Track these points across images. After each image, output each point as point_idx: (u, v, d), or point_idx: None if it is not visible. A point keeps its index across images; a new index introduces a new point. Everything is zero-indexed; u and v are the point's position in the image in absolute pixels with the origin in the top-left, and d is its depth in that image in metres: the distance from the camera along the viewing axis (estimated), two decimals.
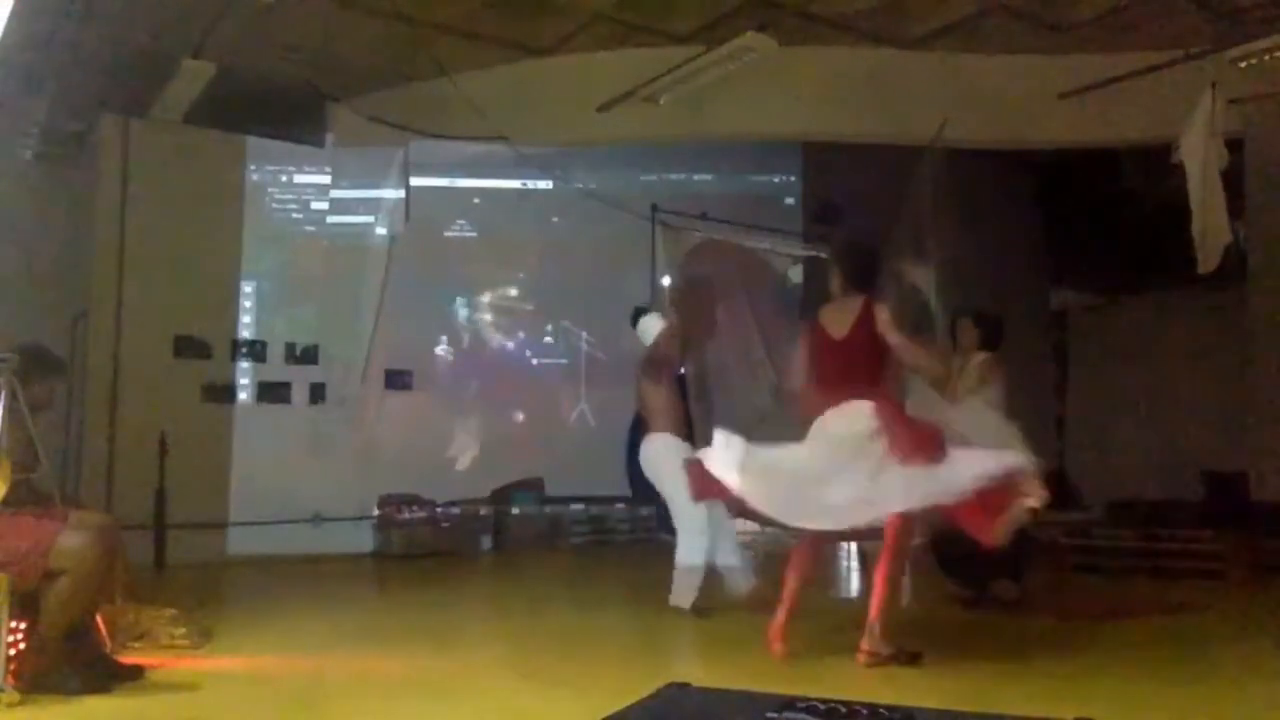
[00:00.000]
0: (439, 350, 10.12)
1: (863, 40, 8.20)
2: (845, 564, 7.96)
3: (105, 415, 7.86)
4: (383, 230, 9.23)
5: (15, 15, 5.30)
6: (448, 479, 9.33)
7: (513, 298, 10.53)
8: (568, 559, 8.98)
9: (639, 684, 2.67)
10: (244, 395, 8.69)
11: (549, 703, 3.68)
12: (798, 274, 10.19)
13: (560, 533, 9.53)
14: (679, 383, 5.97)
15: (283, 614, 5.64)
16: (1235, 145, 7.40)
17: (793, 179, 10.98)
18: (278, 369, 8.80)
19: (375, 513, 8.75)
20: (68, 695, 3.47)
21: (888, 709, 2.20)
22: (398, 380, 9.43)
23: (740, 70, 7.57)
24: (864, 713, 2.18)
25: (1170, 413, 11.01)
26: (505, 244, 10.33)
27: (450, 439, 9.97)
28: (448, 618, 5.82)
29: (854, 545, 8.83)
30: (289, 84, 8.65)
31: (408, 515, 8.69)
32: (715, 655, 4.57)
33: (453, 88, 8.12)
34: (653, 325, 5.86)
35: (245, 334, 8.75)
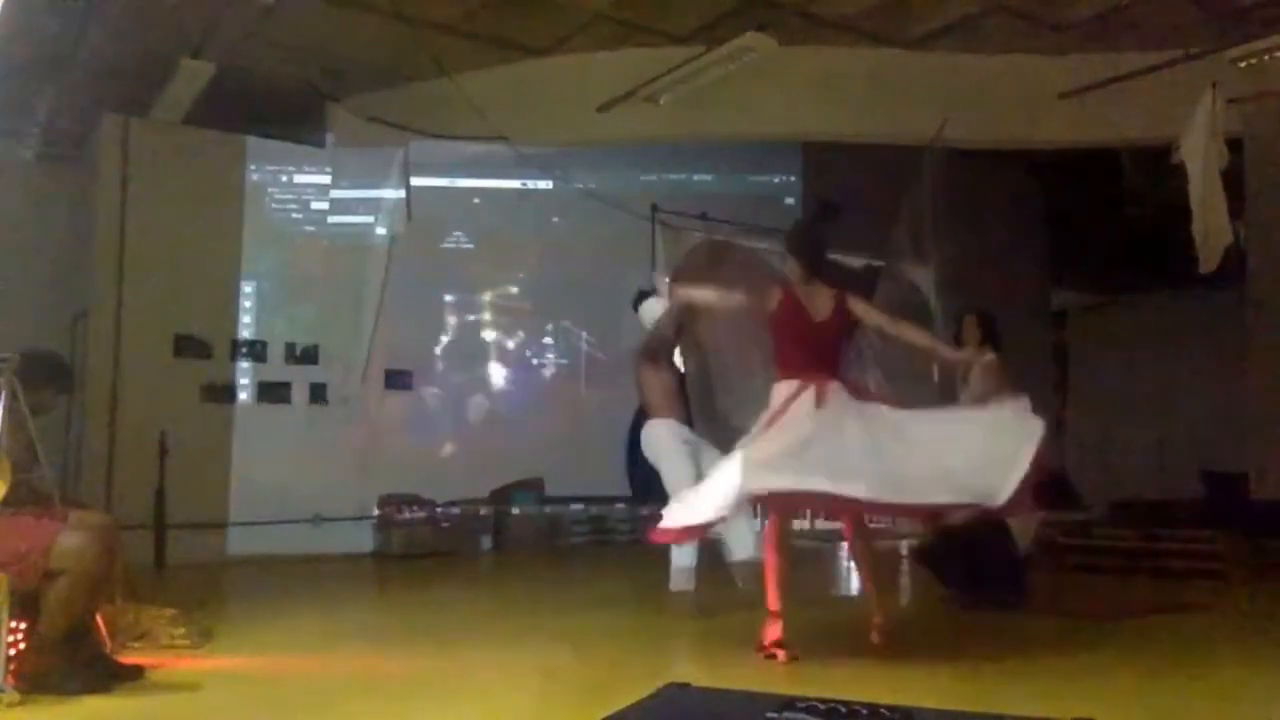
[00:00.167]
0: (439, 350, 10.12)
1: (863, 40, 8.20)
2: (845, 564, 7.96)
3: (105, 415, 7.87)
4: (383, 230, 9.24)
5: (15, 16, 5.31)
6: (448, 479, 9.32)
7: (513, 297, 10.53)
8: (568, 559, 8.98)
9: (639, 684, 2.67)
10: (244, 395, 8.70)
11: (549, 703, 3.68)
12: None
13: (560, 533, 9.53)
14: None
15: (283, 614, 5.64)
16: (1235, 145, 7.41)
17: (793, 179, 10.98)
18: (278, 369, 8.80)
19: (375, 513, 8.76)
20: (68, 695, 3.46)
21: (888, 709, 2.21)
22: (398, 380, 9.44)
23: (740, 70, 7.58)
24: (864, 713, 2.19)
25: (1170, 413, 11.02)
26: (505, 244, 10.33)
27: (450, 439, 9.98)
28: (448, 618, 5.81)
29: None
30: (289, 84, 8.66)
31: (408, 515, 8.69)
32: (715, 655, 4.56)
33: (453, 88, 8.13)
34: (654, 309, 5.85)
35: (245, 334, 8.76)
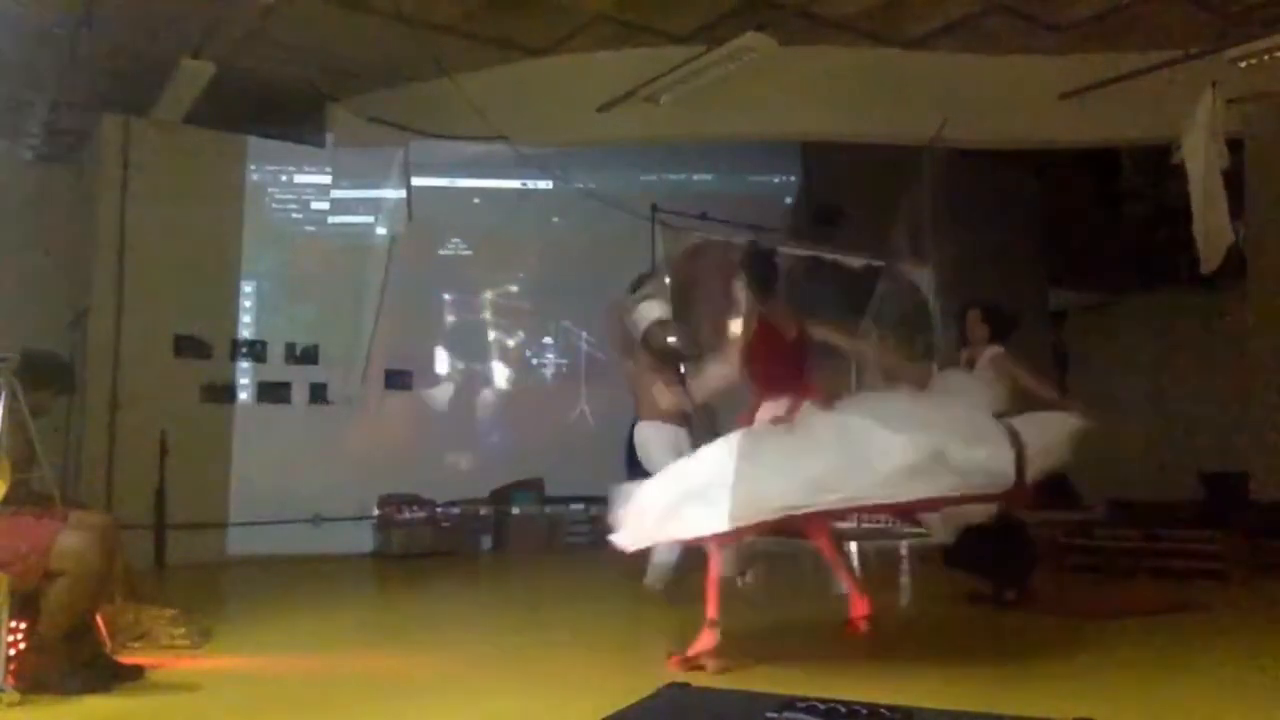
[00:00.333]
0: (439, 350, 10.12)
1: (862, 40, 8.20)
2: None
3: (105, 415, 7.87)
4: (383, 230, 9.23)
5: (15, 16, 5.31)
6: (448, 479, 9.31)
7: (513, 297, 10.52)
8: (568, 559, 8.97)
9: (639, 684, 2.66)
10: (244, 395, 8.70)
11: (549, 703, 3.67)
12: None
13: (560, 533, 9.51)
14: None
15: (283, 614, 5.64)
16: (1235, 145, 7.41)
17: (793, 179, 10.97)
18: (278, 369, 8.80)
19: (375, 513, 8.76)
20: (68, 695, 3.46)
21: (888, 709, 2.20)
22: (398, 380, 9.44)
23: (740, 70, 7.57)
24: (864, 713, 2.19)
25: (1170, 413, 11.01)
26: (505, 244, 10.31)
27: (450, 439, 9.97)
28: (447, 618, 5.81)
29: (853, 545, 8.87)
30: (289, 84, 8.65)
31: (408, 515, 8.69)
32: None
33: (453, 88, 8.13)
34: (649, 311, 5.85)
35: (245, 334, 8.76)
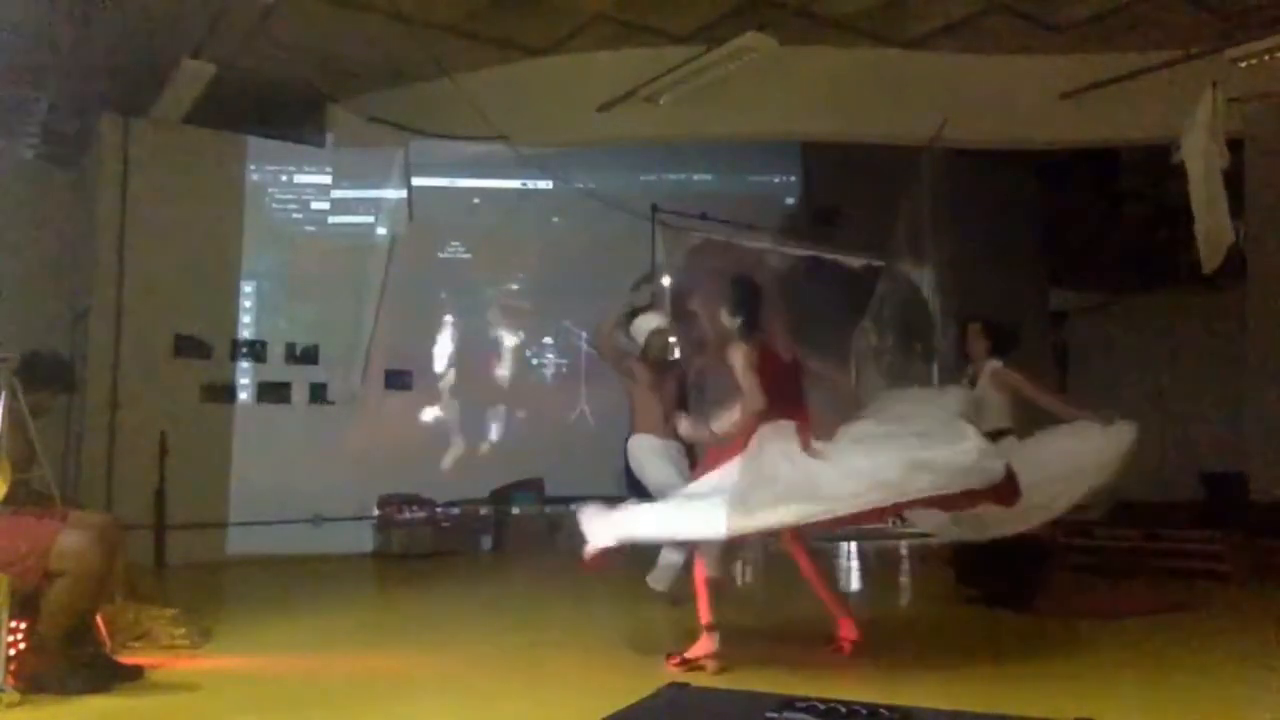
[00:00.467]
0: (439, 350, 10.11)
1: (863, 40, 8.20)
2: (845, 564, 7.96)
3: (105, 415, 7.86)
4: (383, 230, 9.23)
5: (15, 15, 5.31)
6: (448, 479, 9.32)
7: (513, 297, 10.52)
8: (568, 559, 8.95)
9: (639, 684, 2.66)
10: (244, 395, 8.69)
11: (549, 703, 3.67)
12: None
13: (560, 533, 9.50)
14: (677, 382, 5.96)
15: (283, 614, 5.64)
16: (1235, 145, 7.41)
17: (793, 179, 10.98)
18: (278, 369, 8.79)
19: (375, 513, 8.75)
20: (68, 695, 3.47)
21: (888, 709, 2.20)
22: (398, 380, 9.43)
23: (740, 70, 7.58)
24: (864, 713, 2.18)
25: (1170, 413, 11.00)
26: (505, 244, 10.31)
27: (450, 439, 9.97)
28: (447, 618, 5.81)
29: (853, 545, 8.88)
30: (289, 84, 8.65)
31: (408, 515, 8.68)
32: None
33: (453, 88, 8.12)
34: (647, 322, 5.88)
35: (245, 334, 8.75)
